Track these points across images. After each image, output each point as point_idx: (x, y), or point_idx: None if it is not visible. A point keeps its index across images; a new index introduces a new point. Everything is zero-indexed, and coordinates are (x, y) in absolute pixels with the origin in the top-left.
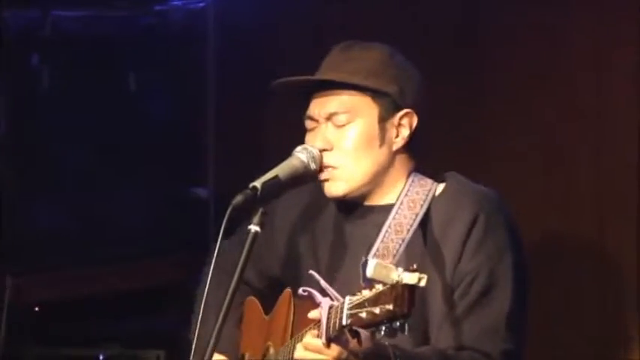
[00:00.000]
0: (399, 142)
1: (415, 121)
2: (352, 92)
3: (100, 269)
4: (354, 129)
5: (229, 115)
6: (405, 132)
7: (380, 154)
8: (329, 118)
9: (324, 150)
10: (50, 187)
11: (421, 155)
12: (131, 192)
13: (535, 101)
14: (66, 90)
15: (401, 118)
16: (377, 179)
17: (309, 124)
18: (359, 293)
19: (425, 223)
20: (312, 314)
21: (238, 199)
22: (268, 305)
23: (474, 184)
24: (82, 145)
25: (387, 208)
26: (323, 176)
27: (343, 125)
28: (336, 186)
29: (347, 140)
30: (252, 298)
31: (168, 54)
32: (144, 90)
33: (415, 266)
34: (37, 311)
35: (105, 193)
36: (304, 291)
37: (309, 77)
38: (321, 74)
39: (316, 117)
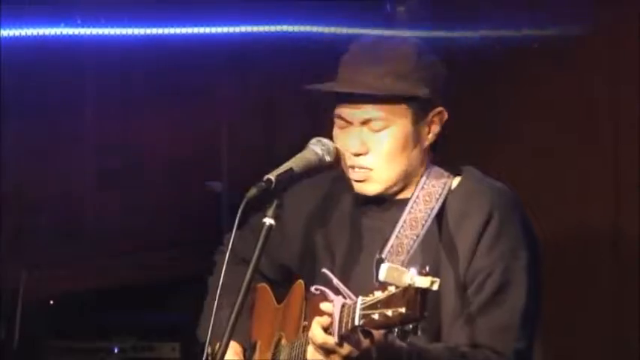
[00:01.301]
0: (430, 139)
1: (445, 116)
2: (385, 98)
3: (114, 262)
4: (391, 134)
5: (243, 107)
6: (436, 128)
7: (413, 154)
8: (364, 123)
9: (360, 154)
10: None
11: (441, 148)
12: (146, 185)
13: (549, 95)
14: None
15: (433, 116)
16: (408, 176)
17: (340, 123)
18: (371, 294)
19: (440, 217)
20: (324, 306)
21: (252, 191)
22: (279, 292)
23: (490, 180)
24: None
25: (405, 202)
26: (356, 176)
27: (379, 130)
28: (371, 186)
29: (383, 144)
30: (264, 284)
31: None
32: None
33: (427, 269)
34: (52, 304)
35: (119, 186)
36: (317, 289)
37: (342, 89)
38: (351, 81)
39: (350, 119)
